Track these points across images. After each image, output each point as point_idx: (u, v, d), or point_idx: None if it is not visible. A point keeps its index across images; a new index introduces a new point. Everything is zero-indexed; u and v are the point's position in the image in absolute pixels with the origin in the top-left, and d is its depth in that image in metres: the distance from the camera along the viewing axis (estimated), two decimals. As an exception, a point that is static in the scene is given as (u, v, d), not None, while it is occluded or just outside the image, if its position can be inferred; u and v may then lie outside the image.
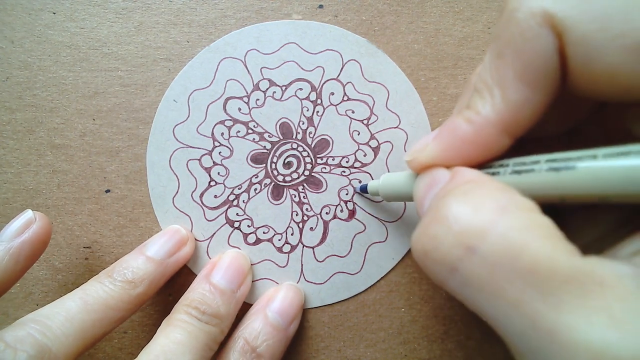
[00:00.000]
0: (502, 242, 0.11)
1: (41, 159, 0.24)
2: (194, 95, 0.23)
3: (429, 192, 0.15)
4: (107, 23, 0.24)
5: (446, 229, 0.12)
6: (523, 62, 0.13)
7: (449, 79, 0.24)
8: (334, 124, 0.24)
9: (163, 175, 0.23)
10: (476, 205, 0.12)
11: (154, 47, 0.24)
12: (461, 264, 0.12)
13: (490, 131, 0.14)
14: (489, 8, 0.24)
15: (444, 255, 0.12)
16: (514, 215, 0.11)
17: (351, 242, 0.24)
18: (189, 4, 0.24)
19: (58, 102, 0.24)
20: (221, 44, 0.24)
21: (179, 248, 0.22)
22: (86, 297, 0.19)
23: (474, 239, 0.11)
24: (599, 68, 0.12)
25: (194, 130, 0.23)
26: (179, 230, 0.23)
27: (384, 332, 0.24)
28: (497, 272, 0.11)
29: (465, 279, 0.12)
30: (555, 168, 0.12)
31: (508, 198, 0.12)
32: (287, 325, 0.22)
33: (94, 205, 0.24)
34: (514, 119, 0.14)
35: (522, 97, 0.13)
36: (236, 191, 0.24)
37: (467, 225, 0.12)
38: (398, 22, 0.24)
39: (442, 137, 0.15)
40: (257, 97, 0.24)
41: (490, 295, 0.11)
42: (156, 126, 0.23)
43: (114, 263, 0.21)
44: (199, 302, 0.20)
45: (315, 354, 0.24)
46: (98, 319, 0.19)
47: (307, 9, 0.24)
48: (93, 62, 0.24)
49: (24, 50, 0.24)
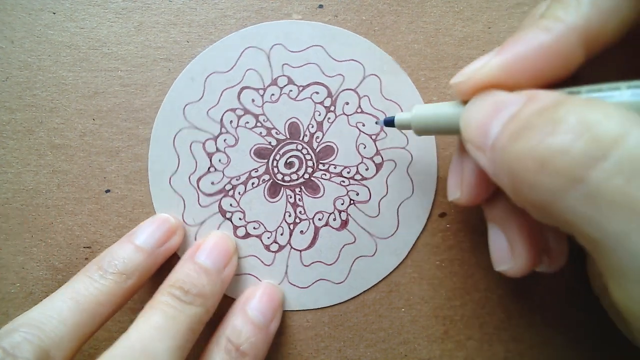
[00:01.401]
0: (638, 151, 0.10)
1: (41, 159, 0.24)
2: (212, 78, 0.23)
3: (495, 117, 0.13)
4: (107, 23, 0.24)
5: (574, 136, 0.10)
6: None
7: (449, 79, 0.24)
8: (342, 133, 0.24)
9: (165, 151, 0.23)
10: (607, 113, 0.11)
11: (154, 47, 0.24)
12: (591, 172, 0.10)
13: (572, 40, 0.12)
14: (489, 8, 0.24)
15: (569, 164, 0.10)
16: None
17: (339, 251, 0.24)
18: (189, 4, 0.24)
19: (58, 102, 0.24)
20: (249, 32, 0.24)
21: (169, 237, 0.22)
22: (77, 296, 0.19)
23: (608, 146, 0.10)
24: None
25: (204, 112, 0.23)
26: (168, 219, 0.22)
27: (384, 332, 0.24)
28: (633, 180, 0.10)
29: (593, 191, 0.10)
30: (637, 86, 0.11)
31: (628, 115, 0.11)
32: (268, 323, 0.22)
33: (94, 205, 0.24)
34: (601, 28, 0.12)
35: (614, 3, 0.12)
36: (234, 181, 0.23)
37: (600, 131, 0.10)
38: (398, 22, 0.24)
39: (510, 50, 0.13)
40: (272, 92, 0.23)
41: (621, 210, 0.10)
42: (168, 101, 0.23)
43: (102, 253, 0.21)
44: (183, 281, 0.20)
45: (315, 354, 0.24)
46: (90, 317, 0.18)
47: (307, 9, 0.24)
48: (93, 62, 0.24)
49: (24, 50, 0.24)
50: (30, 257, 0.24)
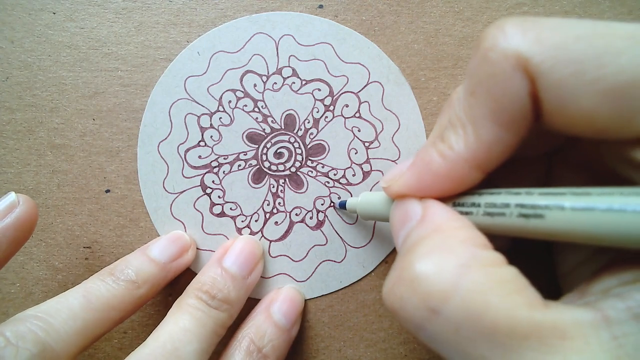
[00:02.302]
0: (463, 305, 0.11)
1: (41, 159, 0.24)
2: (218, 56, 0.23)
3: (402, 228, 0.15)
4: (107, 23, 0.24)
5: (411, 291, 0.12)
6: (495, 102, 0.13)
7: (449, 79, 0.24)
8: (337, 135, 0.24)
9: (159, 117, 0.23)
10: (439, 265, 0.12)
11: (154, 47, 0.24)
12: (427, 324, 0.12)
13: (462, 166, 0.14)
14: (489, 8, 0.24)
15: (410, 316, 0.12)
16: (476, 274, 0.12)
17: (308, 250, 0.24)
18: (189, 4, 0.24)
19: (58, 102, 0.24)
20: (262, 19, 0.24)
21: (182, 254, 0.22)
22: (89, 295, 0.19)
23: (437, 302, 0.12)
24: (574, 111, 0.12)
25: (204, 88, 0.23)
26: (182, 236, 0.23)
27: (384, 332, 0.24)
28: (461, 332, 0.11)
29: (433, 338, 0.12)
30: (524, 214, 0.13)
31: (471, 254, 0.12)
32: (291, 326, 0.22)
33: (94, 205, 0.24)
34: (486, 156, 0.14)
35: (494, 136, 0.13)
36: (221, 160, 0.24)
37: (430, 288, 0.12)
38: (398, 22, 0.24)
39: (416, 169, 0.15)
40: (275, 81, 0.24)
41: (457, 354, 0.12)
42: (171, 70, 0.23)
43: (116, 262, 0.21)
44: (210, 286, 0.20)
45: (315, 354, 0.24)
46: (100, 319, 0.19)
47: (307, 9, 0.24)
48: (93, 62, 0.24)
49: (24, 50, 0.24)
50: (30, 257, 0.24)
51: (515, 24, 0.13)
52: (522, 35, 0.12)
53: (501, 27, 0.13)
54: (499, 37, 0.13)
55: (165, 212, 0.24)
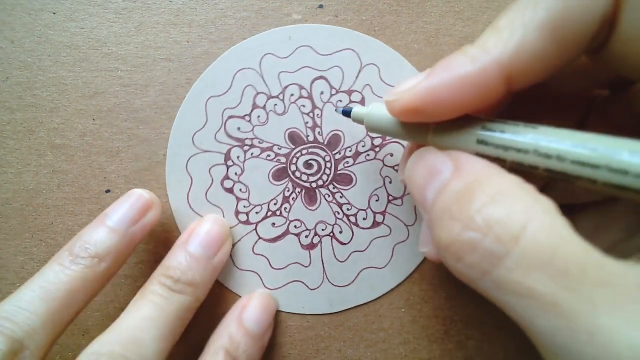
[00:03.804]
0: (534, 245, 0.11)
1: (41, 159, 0.24)
2: (304, 50, 0.23)
3: (431, 181, 0.14)
4: (107, 23, 0.24)
5: (480, 235, 0.12)
6: (562, 13, 0.12)
7: (449, 79, 0.24)
8: (369, 176, 0.23)
9: (222, 76, 0.23)
10: (509, 208, 0.12)
11: (154, 47, 0.24)
12: (495, 268, 0.12)
13: (494, 73, 0.13)
14: (489, 8, 0.24)
15: (478, 261, 0.12)
16: (542, 218, 0.12)
17: (289, 264, 0.23)
18: (189, 4, 0.24)
19: (58, 102, 0.24)
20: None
21: (144, 214, 0.21)
22: (47, 284, 0.18)
23: (508, 244, 0.11)
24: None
25: (277, 71, 0.23)
26: (141, 195, 0.22)
27: (384, 332, 0.24)
28: (531, 275, 0.11)
29: (499, 282, 0.12)
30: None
31: (533, 200, 0.12)
32: (263, 333, 0.22)
33: (94, 205, 0.24)
34: (524, 67, 0.12)
35: (543, 44, 0.12)
36: (255, 142, 0.23)
37: (502, 230, 0.12)
38: (398, 22, 0.24)
39: (437, 75, 0.13)
40: (341, 98, 0.23)
41: (523, 298, 0.11)
42: (258, 39, 0.23)
43: (74, 237, 0.20)
44: (174, 270, 0.20)
45: (315, 354, 0.24)
46: (63, 306, 0.18)
47: (307, 9, 0.24)
48: (93, 62, 0.24)
49: (24, 50, 0.24)
50: (30, 257, 0.24)
51: None
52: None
53: None
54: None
55: (181, 162, 0.23)
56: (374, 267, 0.23)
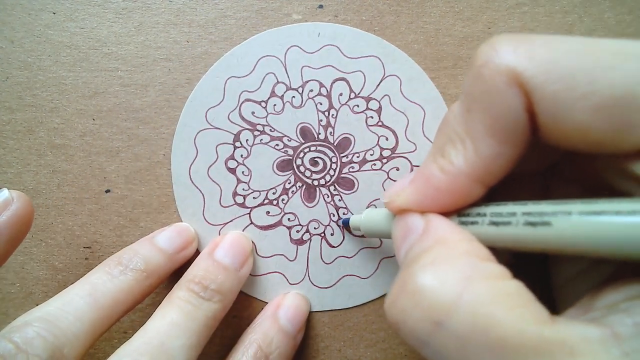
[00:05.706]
0: (468, 318, 0.11)
1: (41, 159, 0.24)
2: (330, 50, 0.23)
3: (404, 241, 0.15)
4: (107, 23, 0.24)
5: (414, 303, 0.12)
6: (491, 118, 0.13)
7: (449, 79, 0.24)
8: (371, 186, 0.23)
9: (245, 60, 0.23)
10: (442, 277, 0.12)
11: (154, 47, 0.24)
12: (431, 338, 0.12)
13: (463, 181, 0.14)
14: (489, 8, 0.24)
15: (413, 329, 0.12)
16: (480, 287, 0.12)
17: (273, 254, 0.23)
18: (189, 4, 0.24)
19: (58, 102, 0.24)
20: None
21: (187, 246, 0.22)
22: (95, 292, 0.18)
23: (441, 315, 0.12)
24: (568, 124, 0.12)
25: (300, 65, 0.23)
26: (187, 228, 0.23)
27: (384, 332, 0.24)
28: (466, 346, 0.11)
29: (437, 353, 0.12)
30: (531, 222, 0.12)
31: (474, 267, 0.12)
32: (296, 332, 0.22)
33: (94, 205, 0.24)
34: (487, 171, 0.14)
35: (493, 150, 0.13)
36: (267, 129, 0.23)
37: (433, 300, 0.12)
38: (398, 22, 0.24)
39: (417, 184, 0.15)
40: (358, 103, 0.23)
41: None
42: (283, 31, 0.23)
43: (122, 250, 0.21)
44: (202, 277, 0.20)
45: (315, 354, 0.24)
46: (107, 316, 0.18)
47: (307, 9, 0.24)
48: (93, 62, 0.24)
49: (24, 50, 0.24)
50: (30, 257, 0.24)
51: (506, 40, 0.13)
52: (514, 51, 0.13)
53: (493, 44, 0.13)
54: (491, 54, 0.13)
55: (189, 134, 0.23)
56: (357, 275, 0.23)
